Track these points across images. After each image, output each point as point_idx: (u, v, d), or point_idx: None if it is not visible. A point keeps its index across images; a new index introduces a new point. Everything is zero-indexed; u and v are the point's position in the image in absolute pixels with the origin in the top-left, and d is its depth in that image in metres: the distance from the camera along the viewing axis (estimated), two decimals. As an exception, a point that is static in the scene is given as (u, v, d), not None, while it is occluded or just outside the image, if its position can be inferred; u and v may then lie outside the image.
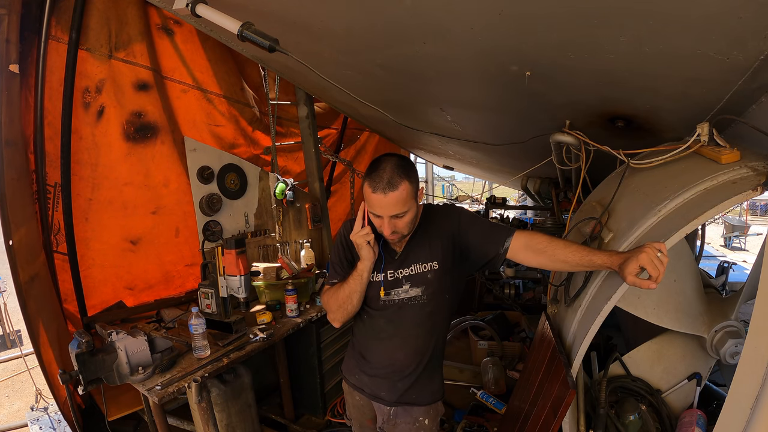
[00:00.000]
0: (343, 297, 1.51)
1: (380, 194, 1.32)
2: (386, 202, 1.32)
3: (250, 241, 3.04)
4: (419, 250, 1.49)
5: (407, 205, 1.35)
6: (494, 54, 1.46)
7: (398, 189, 1.31)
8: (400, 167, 1.33)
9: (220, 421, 1.99)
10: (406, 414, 1.55)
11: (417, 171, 1.44)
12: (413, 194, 1.36)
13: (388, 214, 1.34)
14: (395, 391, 1.55)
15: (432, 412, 1.58)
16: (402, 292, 1.50)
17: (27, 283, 2.10)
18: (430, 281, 1.47)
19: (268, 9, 1.62)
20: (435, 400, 1.58)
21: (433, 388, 1.57)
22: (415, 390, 1.55)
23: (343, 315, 1.55)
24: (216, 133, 3.01)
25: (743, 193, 1.17)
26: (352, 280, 1.49)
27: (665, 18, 0.98)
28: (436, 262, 1.46)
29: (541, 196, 4.25)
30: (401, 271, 1.50)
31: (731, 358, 1.52)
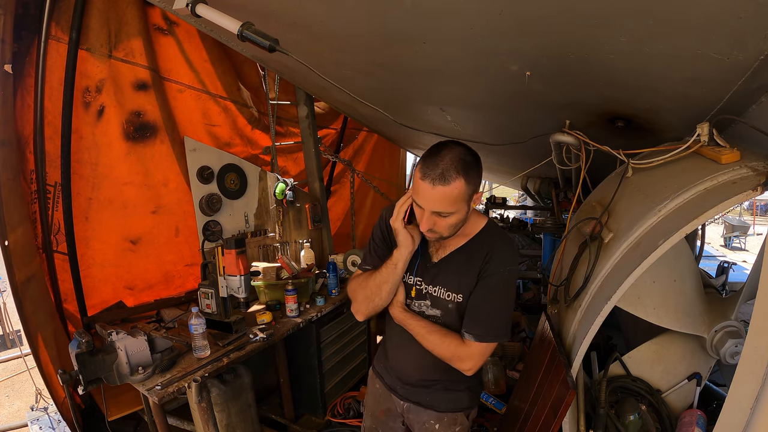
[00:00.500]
0: (373, 287, 1.38)
1: (428, 183, 1.16)
2: (432, 195, 1.17)
3: (250, 241, 3.04)
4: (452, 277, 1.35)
5: (455, 206, 1.18)
6: (494, 54, 1.46)
7: (450, 185, 1.14)
8: (461, 162, 1.16)
9: (220, 421, 1.99)
10: (417, 413, 1.50)
11: (480, 172, 1.24)
12: (466, 196, 1.19)
13: (431, 209, 1.19)
14: (406, 390, 1.51)
15: (447, 420, 1.46)
16: (424, 306, 1.40)
17: (23, 283, 2.10)
18: (450, 311, 1.36)
19: (268, 9, 1.62)
20: (450, 410, 1.47)
21: (453, 399, 1.47)
22: (429, 395, 1.48)
23: (369, 307, 1.41)
24: (212, 133, 3.00)
25: (743, 193, 1.17)
26: (385, 269, 1.36)
27: (665, 18, 0.98)
28: (461, 296, 1.33)
29: (541, 196, 4.25)
30: (429, 287, 1.39)
31: (731, 358, 1.52)
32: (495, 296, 1.29)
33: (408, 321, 1.38)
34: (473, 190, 1.21)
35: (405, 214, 1.31)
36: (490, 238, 1.34)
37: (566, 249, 1.90)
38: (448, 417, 1.47)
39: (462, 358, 1.29)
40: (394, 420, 1.59)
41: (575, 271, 1.70)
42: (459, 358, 1.30)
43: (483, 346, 1.28)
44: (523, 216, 6.13)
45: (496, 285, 1.29)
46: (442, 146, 1.20)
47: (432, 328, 1.35)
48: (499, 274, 1.29)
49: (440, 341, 1.32)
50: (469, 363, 1.29)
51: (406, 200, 1.30)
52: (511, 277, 1.30)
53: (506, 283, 1.30)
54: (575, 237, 1.80)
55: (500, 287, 1.29)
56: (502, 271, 1.29)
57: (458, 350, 1.29)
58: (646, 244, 1.34)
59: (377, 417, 1.63)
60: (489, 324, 1.29)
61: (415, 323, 1.37)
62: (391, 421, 1.60)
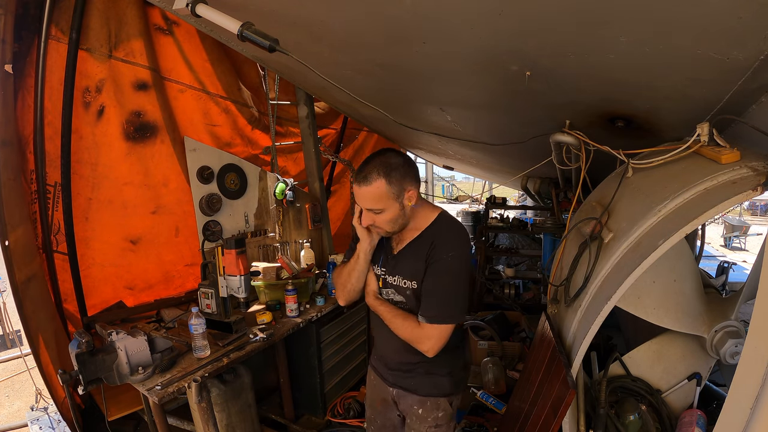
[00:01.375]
0: (345, 275, 1.58)
1: (356, 185, 1.37)
2: (360, 194, 1.37)
3: (250, 241, 3.04)
4: (407, 266, 1.48)
5: (382, 204, 1.35)
6: (494, 54, 1.46)
7: (371, 185, 1.33)
8: (383, 165, 1.33)
9: (220, 421, 1.99)
10: (404, 398, 1.61)
11: (409, 173, 1.39)
12: (391, 195, 1.34)
13: (363, 206, 1.39)
14: (392, 376, 1.63)
15: (429, 404, 1.56)
16: (391, 294, 1.56)
17: (23, 283, 2.10)
18: (410, 297, 1.49)
19: (268, 9, 1.62)
20: (432, 394, 1.57)
21: (434, 384, 1.56)
22: (411, 379, 1.58)
23: (343, 294, 1.60)
24: (213, 133, 3.00)
25: (743, 193, 1.17)
26: (352, 260, 1.56)
27: (665, 18, 0.98)
28: (415, 282, 1.46)
29: (541, 196, 4.25)
30: (390, 277, 1.54)
31: (731, 358, 1.52)
32: (441, 280, 1.40)
33: (378, 307, 1.54)
34: (399, 189, 1.36)
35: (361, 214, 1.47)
36: (437, 228, 1.46)
37: (566, 249, 1.90)
38: (431, 401, 1.56)
39: (420, 340, 1.40)
40: (391, 410, 1.69)
41: (575, 271, 1.70)
42: (417, 339, 1.41)
43: (436, 328, 1.38)
44: (523, 216, 6.13)
45: (442, 270, 1.39)
46: (374, 153, 1.39)
47: (395, 313, 1.49)
48: (443, 260, 1.39)
49: (401, 324, 1.45)
50: (426, 344, 1.39)
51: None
52: (455, 261, 1.39)
53: (451, 268, 1.39)
54: (575, 237, 1.80)
55: (446, 271, 1.39)
56: (445, 256, 1.39)
57: (414, 332, 1.41)
58: (646, 244, 1.33)
59: (375, 407, 1.74)
60: (438, 306, 1.39)
61: (383, 309, 1.52)
62: (388, 411, 1.70)
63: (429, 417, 1.56)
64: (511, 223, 4.63)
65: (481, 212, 5.96)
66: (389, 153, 1.39)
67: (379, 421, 1.72)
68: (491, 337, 3.38)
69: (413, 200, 1.41)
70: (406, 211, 1.41)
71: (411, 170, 1.40)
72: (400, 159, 1.38)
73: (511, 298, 4.25)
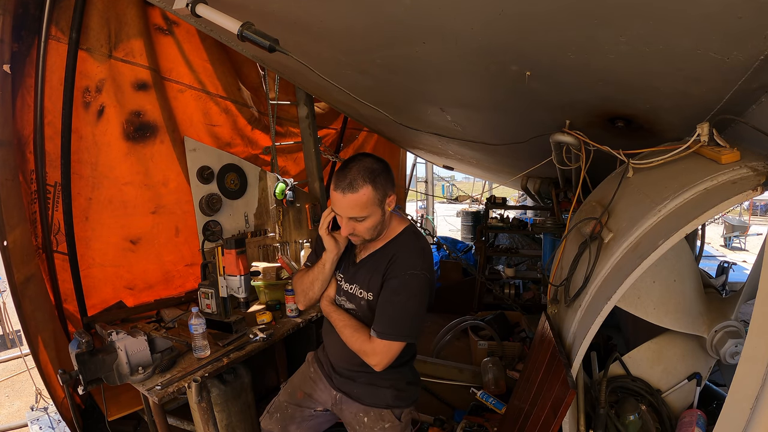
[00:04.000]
0: (307, 283, 1.55)
1: (339, 193, 1.30)
2: (344, 203, 1.31)
3: (250, 241, 3.04)
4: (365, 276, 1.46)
5: (366, 211, 1.31)
6: (494, 54, 1.46)
7: (358, 192, 1.28)
8: (367, 170, 1.29)
9: (220, 421, 1.99)
10: (348, 403, 1.59)
11: (389, 178, 1.37)
12: (376, 201, 1.32)
13: (346, 215, 1.34)
14: (337, 379, 1.61)
15: (373, 414, 1.54)
16: (343, 300, 1.54)
17: (22, 283, 2.10)
18: (363, 307, 1.47)
19: (268, 9, 1.62)
20: (378, 405, 1.54)
21: (377, 394, 1.54)
22: (355, 387, 1.57)
23: (305, 300, 1.58)
24: (213, 133, 3.01)
25: (743, 193, 1.17)
26: (316, 268, 1.53)
27: (665, 18, 0.98)
28: (371, 294, 1.44)
29: (541, 196, 4.25)
30: (346, 285, 1.52)
31: (731, 358, 1.52)
32: (395, 298, 1.37)
33: (331, 314, 1.52)
34: (383, 195, 1.34)
35: (329, 222, 1.46)
36: (401, 243, 1.44)
37: (566, 249, 1.90)
38: (374, 412, 1.55)
39: (368, 353, 1.39)
40: (309, 405, 1.67)
41: (575, 271, 1.69)
42: (365, 352, 1.39)
43: (386, 344, 1.36)
44: (523, 216, 6.14)
45: (397, 287, 1.37)
46: (351, 159, 1.35)
47: (347, 323, 1.46)
48: (399, 277, 1.37)
49: (351, 335, 1.43)
50: (374, 358, 1.37)
51: (331, 211, 1.43)
52: (413, 280, 1.36)
53: (408, 286, 1.36)
54: (575, 237, 1.80)
55: (401, 290, 1.36)
56: (403, 274, 1.37)
57: (364, 345, 1.39)
58: (646, 244, 1.33)
59: (295, 395, 1.70)
60: (390, 323, 1.36)
61: (336, 316, 1.50)
62: (306, 404, 1.67)
63: (375, 427, 1.53)
64: (511, 223, 4.63)
65: (481, 212, 5.97)
66: (368, 158, 1.35)
67: (290, 411, 1.67)
68: (491, 337, 3.38)
69: (392, 205, 1.39)
70: (386, 216, 1.39)
71: (390, 175, 1.38)
72: (379, 164, 1.35)
73: (511, 298, 4.25)
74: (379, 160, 1.37)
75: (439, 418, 2.61)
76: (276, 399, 1.75)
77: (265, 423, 1.71)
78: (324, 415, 1.71)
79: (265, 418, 1.72)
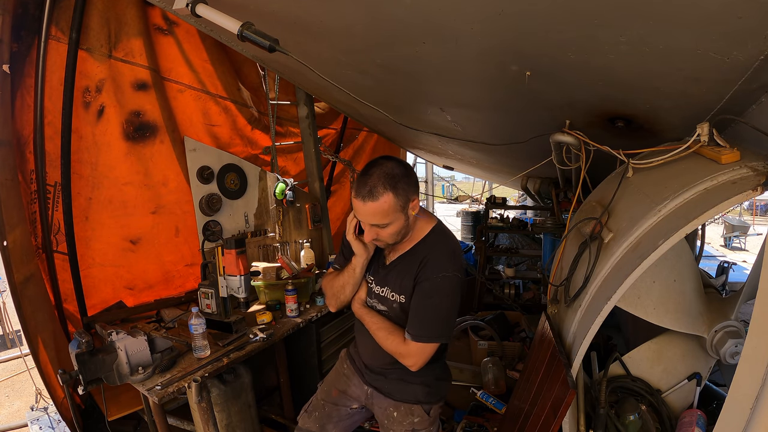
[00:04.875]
0: (338, 287, 1.56)
1: (360, 201, 1.29)
2: (365, 211, 1.30)
3: (250, 241, 3.04)
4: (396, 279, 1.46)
5: (389, 218, 1.31)
6: (494, 54, 1.46)
7: (378, 200, 1.27)
8: (388, 177, 1.27)
9: (220, 421, 1.99)
10: (379, 399, 1.61)
11: (412, 182, 1.35)
12: (398, 207, 1.30)
13: (367, 222, 1.34)
14: (368, 375, 1.63)
15: (403, 409, 1.56)
16: (375, 302, 1.56)
17: (22, 284, 2.10)
18: (395, 309, 1.49)
19: (268, 9, 1.62)
20: (405, 400, 1.57)
21: (407, 390, 1.56)
22: (386, 383, 1.59)
23: (337, 303, 1.59)
24: (213, 133, 3.01)
25: (743, 193, 1.17)
26: (346, 273, 1.53)
27: (665, 18, 0.98)
28: (404, 297, 1.45)
29: (541, 196, 4.25)
30: (377, 287, 1.54)
31: (731, 358, 1.52)
32: (428, 300, 1.38)
33: (364, 316, 1.53)
34: (405, 201, 1.32)
35: (355, 227, 1.44)
36: (430, 244, 1.44)
37: (566, 249, 1.90)
38: (404, 407, 1.57)
39: (403, 355, 1.41)
40: (345, 402, 1.68)
41: (575, 271, 1.69)
42: (400, 354, 1.42)
43: (420, 346, 1.38)
44: (523, 216, 6.13)
45: (430, 290, 1.38)
46: (372, 164, 1.32)
47: (381, 325, 1.48)
48: (431, 280, 1.37)
49: (385, 337, 1.45)
50: (409, 360, 1.40)
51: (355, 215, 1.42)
52: (445, 282, 1.37)
53: (439, 289, 1.37)
54: (575, 237, 1.80)
55: (433, 292, 1.37)
56: (435, 277, 1.37)
57: (399, 348, 1.41)
58: (646, 244, 1.33)
59: (330, 394, 1.71)
60: (423, 326, 1.38)
61: (368, 318, 1.51)
62: (341, 402, 1.69)
63: (405, 421, 1.56)
64: (511, 223, 4.62)
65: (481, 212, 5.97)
66: (389, 162, 1.32)
67: (327, 409, 1.69)
68: (491, 337, 3.38)
69: (416, 209, 1.38)
70: (410, 221, 1.39)
71: (412, 178, 1.36)
72: (401, 168, 1.33)
73: (511, 298, 4.25)
74: (400, 164, 1.34)
75: (439, 418, 2.61)
76: (314, 398, 1.76)
77: (302, 421, 1.71)
78: (359, 412, 1.72)
79: (303, 417, 1.72)
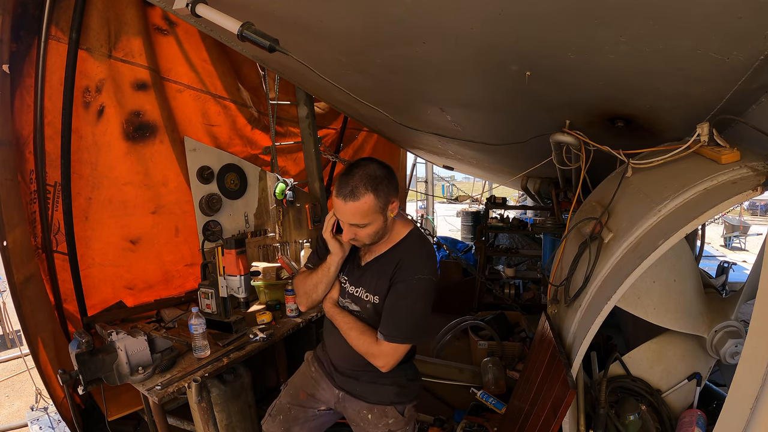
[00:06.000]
0: (311, 285, 1.55)
1: (341, 200, 1.30)
2: (345, 210, 1.31)
3: (250, 241, 3.04)
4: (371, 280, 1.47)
5: (368, 218, 1.32)
6: (494, 54, 1.46)
7: (359, 200, 1.28)
8: (370, 178, 1.29)
9: (220, 421, 1.99)
10: (351, 401, 1.61)
11: (393, 184, 1.37)
12: (378, 209, 1.32)
13: (347, 222, 1.34)
14: (339, 378, 1.62)
15: (377, 411, 1.56)
16: (347, 302, 1.56)
17: (21, 284, 2.10)
18: (368, 310, 1.49)
19: (268, 9, 1.62)
20: (381, 402, 1.57)
21: (379, 392, 1.56)
22: (358, 385, 1.58)
23: (308, 301, 1.59)
24: (212, 133, 3.01)
25: (743, 193, 1.16)
26: (320, 271, 1.53)
27: (665, 18, 0.98)
28: (377, 298, 1.46)
29: (541, 196, 4.25)
30: (351, 287, 1.54)
31: (731, 358, 1.52)
32: (403, 302, 1.40)
33: (335, 316, 1.53)
34: (385, 202, 1.34)
35: (333, 225, 1.46)
36: (406, 247, 1.46)
37: (566, 249, 1.90)
38: (378, 409, 1.57)
39: (375, 355, 1.42)
40: (312, 405, 1.67)
41: (575, 271, 1.69)
42: (372, 354, 1.42)
43: (393, 346, 1.39)
44: (523, 216, 6.13)
45: (404, 291, 1.39)
46: (355, 164, 1.34)
47: (353, 325, 1.48)
48: (406, 282, 1.39)
49: (357, 337, 1.45)
50: (381, 360, 1.41)
51: (333, 214, 1.43)
52: (420, 284, 1.39)
53: (414, 290, 1.39)
54: (575, 237, 1.80)
55: (408, 294, 1.39)
56: (410, 279, 1.39)
57: (371, 348, 1.42)
58: (646, 244, 1.33)
59: (297, 396, 1.70)
60: (397, 326, 1.40)
61: (340, 318, 1.51)
62: (309, 404, 1.68)
63: (380, 423, 1.56)
64: (511, 223, 4.63)
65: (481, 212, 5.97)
66: (372, 164, 1.34)
67: (293, 412, 1.67)
68: (491, 337, 3.38)
69: (395, 211, 1.40)
70: (388, 222, 1.40)
71: (393, 181, 1.38)
72: (383, 170, 1.35)
73: (511, 298, 4.25)
74: (382, 166, 1.36)
75: (439, 418, 2.61)
76: (277, 401, 1.74)
77: (267, 426, 1.70)
78: (327, 414, 1.71)
79: (267, 421, 1.71)
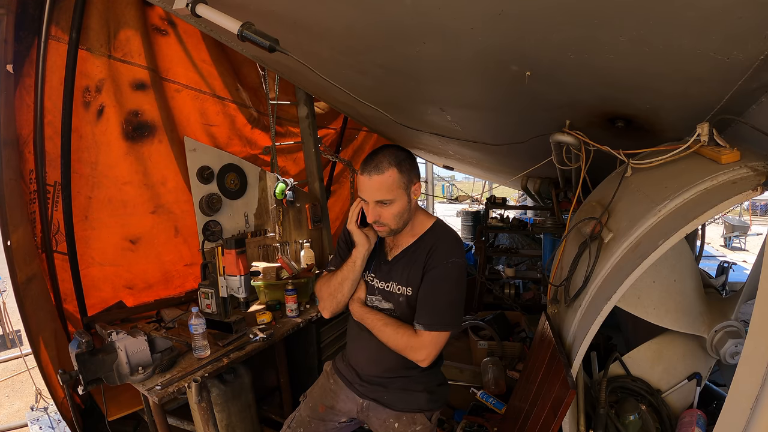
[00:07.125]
0: (335, 284, 1.51)
1: (366, 176, 1.33)
2: (370, 185, 1.33)
3: (250, 241, 3.04)
4: (402, 272, 1.45)
5: (392, 194, 1.33)
6: (494, 54, 1.46)
7: (383, 174, 1.31)
8: (393, 155, 1.34)
9: (220, 421, 1.99)
10: (377, 410, 1.56)
11: (415, 167, 1.41)
12: (401, 185, 1.34)
13: (372, 199, 1.35)
14: (364, 387, 1.57)
15: (405, 419, 1.51)
16: (376, 300, 1.52)
17: (24, 283, 2.10)
18: (401, 304, 1.46)
19: (268, 9, 1.62)
20: (408, 410, 1.52)
21: (410, 399, 1.52)
22: (386, 393, 1.54)
23: (333, 304, 1.53)
24: (210, 133, 3.00)
25: (743, 193, 1.17)
26: (346, 267, 1.50)
27: (665, 18, 0.98)
28: (411, 289, 1.43)
29: (541, 196, 4.25)
30: (380, 284, 1.51)
31: (731, 358, 1.52)
32: (439, 287, 1.38)
33: (365, 316, 1.49)
34: (408, 179, 1.36)
35: (358, 216, 1.45)
36: (435, 235, 1.46)
37: (566, 249, 1.90)
38: (407, 416, 1.52)
39: (415, 348, 1.37)
40: (332, 417, 1.62)
41: (575, 271, 1.69)
42: (412, 348, 1.38)
43: (433, 335, 1.36)
44: (523, 216, 6.13)
45: (440, 276, 1.38)
46: (379, 147, 1.38)
47: (387, 321, 1.44)
48: (441, 266, 1.38)
49: (394, 332, 1.41)
50: (422, 353, 1.37)
51: (358, 205, 1.44)
52: (454, 268, 1.39)
53: (449, 275, 1.38)
54: (575, 237, 1.80)
55: (444, 278, 1.38)
56: (445, 263, 1.38)
57: (411, 340, 1.38)
58: (646, 244, 1.33)
59: (316, 410, 1.65)
60: (436, 313, 1.37)
61: (371, 317, 1.47)
62: (329, 417, 1.63)
63: (407, 431, 1.52)
64: (511, 223, 4.62)
65: (481, 212, 5.96)
66: (394, 147, 1.39)
67: (313, 425, 1.62)
68: (491, 337, 3.38)
69: (418, 194, 1.42)
70: (412, 205, 1.41)
71: (415, 165, 1.42)
72: (405, 153, 1.39)
73: (511, 298, 4.25)
74: (405, 150, 1.40)
75: (439, 418, 2.61)
76: (296, 413, 1.69)
77: None
78: (348, 425, 1.66)
79: None
